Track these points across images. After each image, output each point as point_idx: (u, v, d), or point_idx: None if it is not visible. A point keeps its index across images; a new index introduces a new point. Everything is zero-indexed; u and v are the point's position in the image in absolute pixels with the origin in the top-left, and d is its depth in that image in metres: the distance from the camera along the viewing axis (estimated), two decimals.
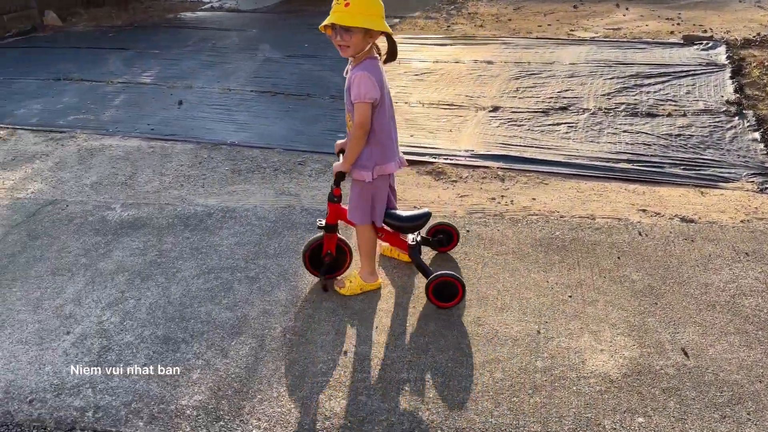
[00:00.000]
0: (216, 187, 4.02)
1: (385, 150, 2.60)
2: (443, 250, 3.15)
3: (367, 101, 2.41)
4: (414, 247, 2.86)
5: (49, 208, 3.74)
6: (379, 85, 2.42)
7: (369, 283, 2.86)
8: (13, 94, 5.97)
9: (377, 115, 2.49)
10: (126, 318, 2.75)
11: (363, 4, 2.33)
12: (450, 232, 3.11)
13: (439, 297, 2.71)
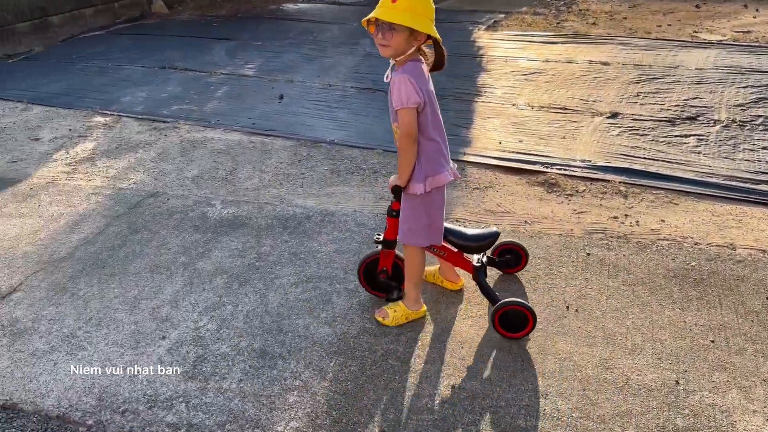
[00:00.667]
0: (315, 187, 3.87)
1: (436, 159, 2.35)
2: (510, 271, 2.87)
3: (410, 107, 2.20)
4: (479, 269, 2.59)
5: (150, 201, 3.71)
6: (422, 89, 2.21)
7: (414, 311, 2.61)
8: (120, 80, 6.10)
9: (425, 121, 2.27)
10: (223, 325, 2.63)
11: (411, 2, 2.12)
12: (518, 252, 2.82)
13: (507, 326, 2.46)
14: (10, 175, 4.10)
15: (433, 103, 2.30)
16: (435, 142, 2.34)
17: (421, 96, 2.21)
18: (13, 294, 2.86)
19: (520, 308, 2.43)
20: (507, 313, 2.44)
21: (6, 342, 2.55)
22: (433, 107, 2.31)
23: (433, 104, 2.31)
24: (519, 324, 2.45)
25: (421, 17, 2.14)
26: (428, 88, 2.28)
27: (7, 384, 2.33)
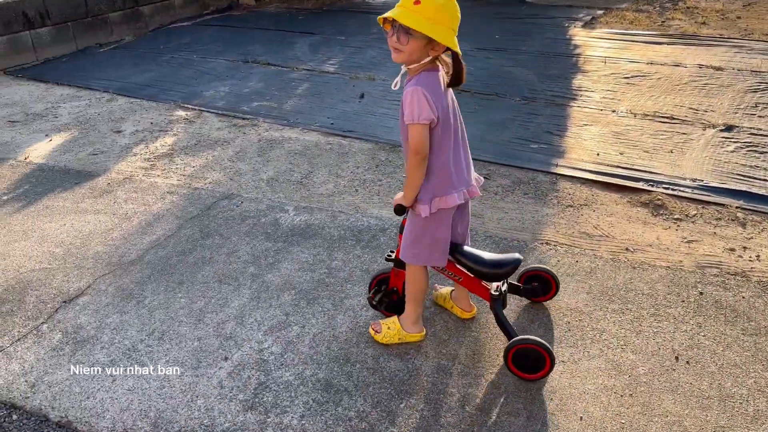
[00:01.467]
0: (392, 196, 3.64)
1: (446, 179, 2.14)
2: (538, 300, 2.61)
3: (422, 122, 1.99)
4: (496, 299, 2.32)
5: (224, 203, 3.59)
6: (437, 103, 2.00)
7: (410, 333, 2.43)
8: (204, 73, 6.08)
9: (436, 138, 2.06)
10: (288, 349, 2.44)
11: (434, 8, 1.90)
12: (547, 280, 2.55)
13: (521, 366, 2.21)
14: (90, 168, 4.10)
15: (448, 119, 2.08)
16: (447, 160, 2.12)
17: (435, 111, 2.00)
18: (80, 298, 2.79)
19: (536, 347, 2.17)
20: (521, 351, 2.19)
21: (68, 351, 2.47)
22: (449, 123, 2.09)
23: (449, 119, 2.09)
24: (535, 365, 2.20)
25: (443, 27, 1.93)
26: (444, 102, 2.05)
27: (65, 399, 2.23)
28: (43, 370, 2.37)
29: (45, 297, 2.80)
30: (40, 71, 6.45)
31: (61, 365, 2.39)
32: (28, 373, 2.36)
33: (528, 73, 5.60)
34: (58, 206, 3.60)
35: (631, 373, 2.27)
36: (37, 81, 6.16)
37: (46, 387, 2.29)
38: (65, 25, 7.08)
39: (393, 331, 2.43)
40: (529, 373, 2.22)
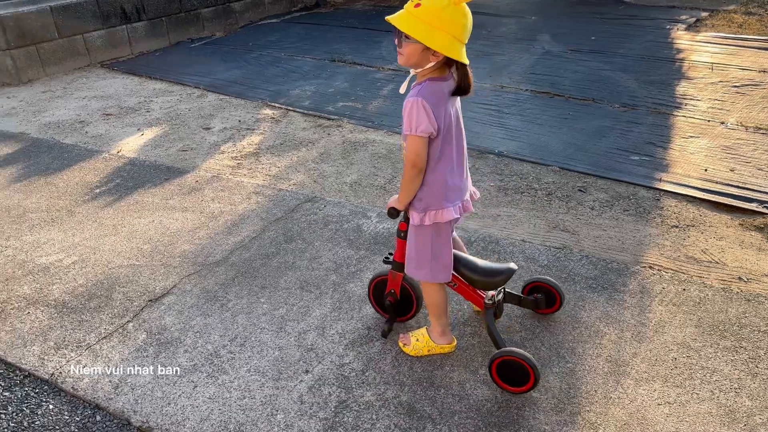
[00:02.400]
0: (478, 206, 3.48)
1: (441, 193, 2.08)
2: (543, 312, 2.54)
3: (419, 135, 1.93)
4: (489, 308, 2.29)
5: (307, 206, 3.55)
6: (438, 115, 1.92)
7: (439, 345, 2.37)
8: (291, 72, 6.11)
9: (434, 151, 2.00)
10: (369, 366, 2.35)
11: (433, 13, 1.82)
12: (551, 292, 2.49)
13: (503, 378, 2.17)
14: (179, 165, 4.16)
15: (450, 132, 2.01)
16: (443, 173, 2.06)
17: (435, 125, 1.93)
18: (166, 297, 2.80)
19: (520, 360, 2.11)
20: (506, 362, 2.14)
21: (152, 352, 2.47)
22: (450, 136, 2.01)
23: (450, 133, 2.01)
24: (519, 378, 2.14)
25: (442, 33, 1.83)
26: (447, 114, 1.97)
27: (147, 404, 2.22)
28: (126, 370, 2.38)
29: (132, 294, 2.83)
30: (134, 65, 6.67)
31: (144, 367, 2.40)
32: (112, 373, 2.37)
33: (627, 78, 5.28)
34: (147, 202, 3.66)
35: (747, 422, 2.04)
36: (131, 74, 6.37)
37: (129, 389, 2.29)
38: (159, 20, 7.30)
39: (422, 343, 2.39)
40: (513, 386, 2.17)
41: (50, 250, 3.21)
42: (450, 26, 1.84)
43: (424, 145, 1.96)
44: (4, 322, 2.69)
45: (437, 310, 2.32)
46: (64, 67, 6.58)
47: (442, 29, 1.83)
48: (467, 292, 2.34)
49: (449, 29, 1.84)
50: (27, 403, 2.27)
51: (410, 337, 2.42)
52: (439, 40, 1.83)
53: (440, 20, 1.83)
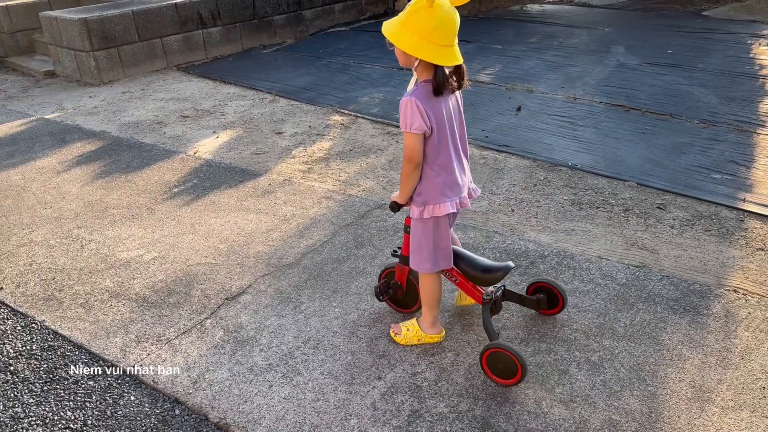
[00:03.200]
0: (551, 220, 3.42)
1: (439, 188, 2.20)
2: (546, 312, 2.62)
3: (413, 132, 2.07)
4: (486, 303, 2.40)
5: (377, 213, 3.57)
6: (431, 114, 2.05)
7: (428, 335, 2.51)
8: (359, 79, 6.17)
9: (431, 147, 2.13)
10: (442, 377, 2.34)
11: (406, 16, 1.98)
12: (554, 293, 2.56)
13: (494, 369, 2.29)
14: (253, 168, 4.26)
15: (444, 130, 2.12)
16: (440, 169, 2.18)
17: (428, 123, 2.06)
18: (242, 296, 2.87)
19: (509, 353, 2.21)
20: (495, 354, 2.26)
21: (229, 350, 2.53)
22: (444, 133, 2.13)
23: (445, 131, 2.13)
24: (508, 370, 2.25)
25: (408, 34, 1.97)
26: (441, 112, 2.09)
27: (224, 400, 2.27)
28: (204, 366, 2.44)
29: (209, 292, 2.90)
30: (209, 69, 6.87)
31: (221, 364, 2.45)
32: (191, 368, 2.44)
33: (707, 94, 5.10)
34: (223, 203, 3.76)
35: None
36: (206, 78, 6.56)
37: (207, 385, 2.35)
38: (234, 26, 7.51)
39: (412, 332, 2.51)
40: (502, 378, 2.27)
41: (131, 245, 3.33)
42: (418, 28, 1.95)
43: (419, 141, 2.09)
44: (89, 313, 2.80)
45: (431, 301, 2.45)
46: (142, 69, 6.85)
47: (411, 31, 1.96)
48: (467, 287, 2.44)
49: (417, 31, 1.95)
50: (110, 393, 2.36)
51: (401, 327, 2.54)
52: (406, 41, 1.97)
53: (411, 22, 1.96)
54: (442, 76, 2.03)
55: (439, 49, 1.96)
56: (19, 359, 2.55)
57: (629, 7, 8.82)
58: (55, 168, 4.40)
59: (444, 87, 2.05)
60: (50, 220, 3.65)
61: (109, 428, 2.20)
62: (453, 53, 1.99)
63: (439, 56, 1.97)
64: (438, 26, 1.94)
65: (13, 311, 2.86)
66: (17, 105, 6.02)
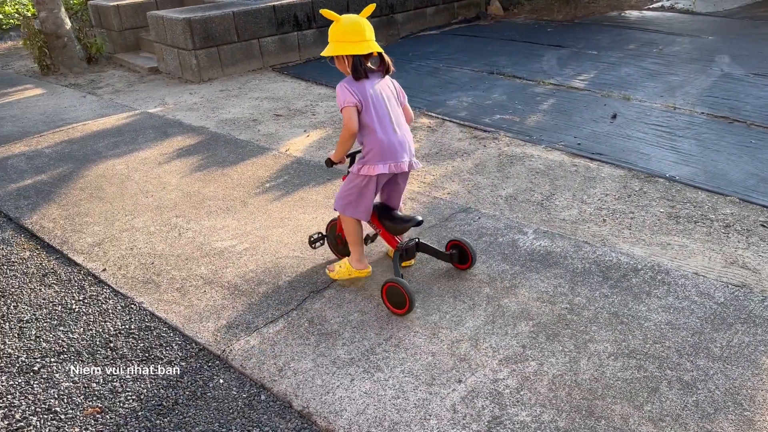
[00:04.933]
0: (646, 232, 3.29)
1: (375, 153, 2.66)
2: (459, 267, 3.03)
3: (347, 105, 2.58)
4: (398, 249, 2.86)
5: (461, 216, 3.55)
6: (356, 92, 2.59)
7: (357, 270, 2.94)
8: (448, 83, 6.16)
9: (368, 121, 2.62)
10: (524, 385, 2.30)
11: (331, 34, 2.60)
12: (465, 251, 2.97)
13: (390, 300, 2.73)
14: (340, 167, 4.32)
15: (375, 105, 2.62)
16: (374, 138, 2.64)
17: (356, 97, 2.58)
18: (326, 290, 2.93)
19: (400, 287, 2.66)
20: (392, 288, 2.70)
21: (313, 341, 2.59)
22: (376, 108, 2.62)
23: (376, 106, 2.62)
24: (400, 301, 2.69)
25: (332, 44, 2.59)
26: (366, 92, 2.60)
27: (307, 390, 2.33)
28: (290, 356, 2.52)
29: (296, 284, 2.99)
30: (301, 70, 7.07)
31: (306, 354, 2.52)
32: (277, 356, 2.52)
33: None
34: (312, 199, 3.86)
35: None
36: (299, 79, 6.75)
37: (292, 374, 2.42)
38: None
39: (343, 269, 2.96)
40: (396, 307, 2.72)
41: (225, 235, 3.48)
42: (334, 36, 2.58)
43: (353, 112, 2.58)
44: (184, 297, 2.95)
45: (353, 239, 2.88)
46: (239, 68, 7.13)
47: (330, 41, 2.60)
48: (386, 236, 2.91)
49: (334, 39, 2.58)
50: (200, 375, 2.47)
51: (335, 265, 3.00)
52: (328, 50, 2.60)
53: (330, 36, 2.60)
54: (357, 63, 2.58)
55: (351, 44, 2.54)
56: (119, 337, 2.72)
57: (736, 15, 8.34)
58: (156, 159, 4.65)
59: (360, 70, 2.58)
60: (151, 208, 3.87)
61: (198, 408, 2.30)
62: (363, 45, 2.55)
63: (350, 48, 2.55)
64: (346, 30, 2.55)
65: (114, 292, 3.05)
66: (123, 99, 6.42)
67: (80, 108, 6.15)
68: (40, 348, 2.67)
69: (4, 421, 2.29)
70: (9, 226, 3.77)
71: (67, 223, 3.74)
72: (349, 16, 2.60)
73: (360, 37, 2.55)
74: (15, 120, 5.84)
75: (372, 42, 2.59)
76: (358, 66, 2.59)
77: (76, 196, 4.10)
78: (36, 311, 2.93)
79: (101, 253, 3.38)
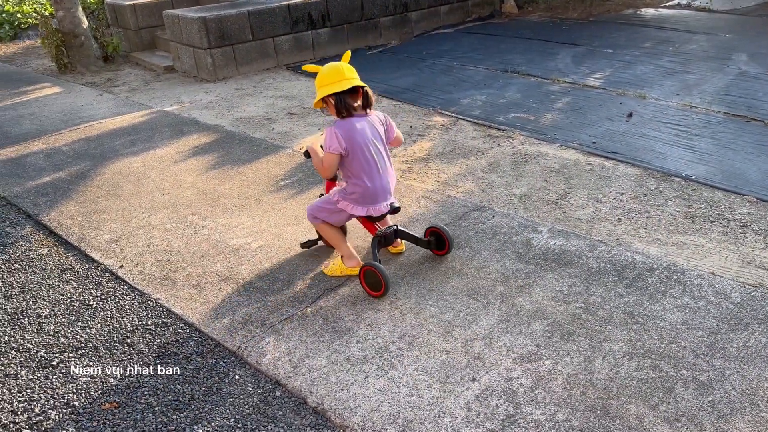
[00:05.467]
0: (662, 232, 3.27)
1: (358, 197, 2.82)
2: (437, 252, 3.16)
3: (331, 152, 2.73)
4: (377, 236, 2.99)
5: (475, 215, 3.55)
6: (348, 140, 2.70)
7: (349, 267, 3.02)
8: (462, 81, 6.15)
9: (354, 165, 2.77)
10: (539, 384, 2.30)
11: (317, 83, 2.74)
12: (442, 237, 3.09)
13: (367, 283, 2.86)
14: None
15: (361, 150, 2.73)
16: (363, 185, 2.79)
17: (343, 145, 2.70)
18: (341, 288, 2.95)
19: (376, 271, 2.79)
20: (369, 271, 2.83)
21: (327, 338, 2.61)
22: (362, 153, 2.74)
23: (362, 150, 2.73)
24: (377, 284, 2.82)
25: (318, 90, 2.72)
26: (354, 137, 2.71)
27: (321, 386, 2.35)
28: (304, 352, 2.53)
29: (311, 282, 3.01)
30: None
31: (320, 351, 2.53)
32: (292, 353, 2.54)
33: None
34: None
35: None
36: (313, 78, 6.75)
37: (307, 370, 2.44)
38: (341, 27, 7.70)
39: (336, 266, 3.05)
40: (372, 290, 2.85)
41: (240, 233, 3.50)
42: (319, 84, 2.71)
43: (335, 160, 2.75)
44: (200, 294, 2.98)
45: (335, 242, 3.04)
46: (254, 67, 7.17)
47: (317, 88, 2.72)
48: (366, 223, 3.05)
49: (319, 86, 2.71)
50: (216, 371, 2.49)
51: (330, 262, 3.10)
52: (317, 98, 2.74)
53: (317, 86, 2.72)
54: (339, 103, 2.69)
55: (331, 85, 2.65)
56: (136, 333, 2.75)
57: (754, 12, 8.25)
58: (172, 157, 4.70)
59: (343, 110, 2.69)
60: (167, 205, 3.91)
61: (214, 404, 2.33)
62: (343, 83, 2.64)
63: (331, 89, 2.64)
64: (325, 74, 2.68)
65: (131, 288, 3.08)
66: (140, 97, 6.48)
67: (97, 106, 6.22)
68: (58, 343, 2.71)
69: (24, 414, 2.33)
70: (28, 222, 3.82)
71: (84, 220, 3.79)
72: (329, 64, 2.73)
73: (339, 77, 2.66)
74: (33, 118, 5.92)
75: (353, 79, 2.68)
76: (339, 104, 2.70)
77: (93, 194, 4.15)
78: (54, 307, 2.97)
79: (118, 250, 3.42)
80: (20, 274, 3.26)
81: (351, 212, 2.87)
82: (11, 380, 2.50)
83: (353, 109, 2.73)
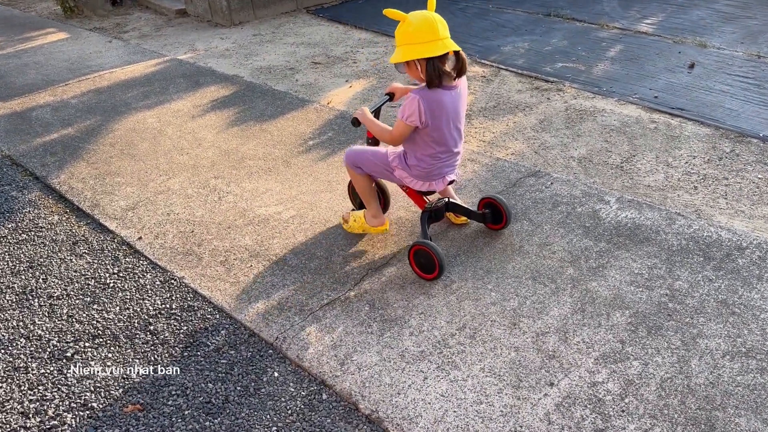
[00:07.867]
0: (745, 202, 2.89)
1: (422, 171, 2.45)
2: (492, 227, 2.78)
3: (407, 123, 2.30)
4: (426, 210, 2.64)
5: (531, 181, 3.17)
6: (431, 113, 2.27)
7: (372, 226, 2.75)
8: (500, 26, 5.65)
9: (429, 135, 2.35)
10: (628, 391, 1.97)
11: (399, 37, 2.21)
12: (499, 210, 2.70)
13: (418, 264, 2.52)
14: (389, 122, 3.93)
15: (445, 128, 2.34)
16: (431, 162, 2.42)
17: (423, 119, 2.26)
18: (386, 268, 2.61)
19: (429, 251, 2.43)
20: (420, 251, 2.47)
21: (376, 329, 2.29)
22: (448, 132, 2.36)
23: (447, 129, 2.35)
24: (429, 265, 2.47)
25: (402, 48, 2.18)
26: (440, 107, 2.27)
27: (374, 389, 2.04)
28: (351, 346, 2.22)
29: (352, 261, 2.67)
30: (338, 12, 6.58)
31: (369, 345, 2.22)
32: (337, 346, 2.22)
33: None
34: None
35: None
36: (336, 22, 6.28)
37: (356, 368, 2.12)
38: None
39: (358, 223, 2.78)
40: (424, 272, 2.50)
41: (269, 200, 3.15)
42: (403, 40, 2.18)
43: (407, 132, 2.33)
44: (229, 272, 2.65)
45: (365, 197, 2.68)
46: (272, 10, 6.66)
47: (400, 45, 2.20)
48: (414, 195, 2.66)
49: (403, 42, 2.18)
50: (252, 367, 2.19)
51: (350, 215, 2.81)
52: (399, 56, 2.20)
53: (398, 40, 2.20)
54: (433, 70, 2.19)
55: (422, 45, 2.13)
56: (159, 318, 2.45)
57: None
58: (189, 112, 4.31)
59: (435, 79, 2.20)
60: (187, 167, 3.56)
61: (252, 408, 2.03)
62: (438, 45, 2.13)
63: (422, 51, 2.14)
64: (416, 28, 2.14)
65: (152, 264, 2.77)
66: (151, 44, 6.03)
67: (106, 54, 5.79)
68: (72, 330, 2.41)
69: (36, 418, 2.04)
70: (36, 185, 3.49)
71: (97, 183, 3.44)
72: (416, 13, 2.17)
73: (433, 35, 2.14)
74: (39, 67, 5.51)
75: (447, 40, 2.18)
76: (431, 72, 2.19)
77: (106, 153, 3.79)
78: (67, 286, 2.66)
79: (135, 219, 3.09)
80: (29, 246, 2.95)
81: (409, 185, 2.53)
82: (21, 374, 2.22)
83: (446, 77, 2.25)
